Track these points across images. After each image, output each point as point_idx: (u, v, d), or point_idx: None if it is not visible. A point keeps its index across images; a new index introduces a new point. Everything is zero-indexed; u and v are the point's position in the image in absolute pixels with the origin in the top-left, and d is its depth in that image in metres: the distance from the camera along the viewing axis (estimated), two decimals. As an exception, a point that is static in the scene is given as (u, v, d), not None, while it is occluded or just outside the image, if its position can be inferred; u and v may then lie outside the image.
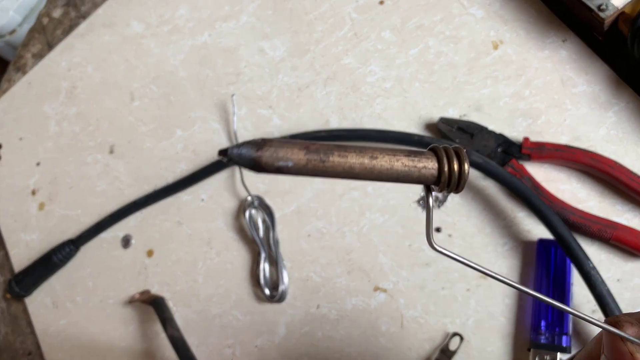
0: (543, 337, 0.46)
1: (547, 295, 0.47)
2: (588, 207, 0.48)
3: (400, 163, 0.23)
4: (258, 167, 0.21)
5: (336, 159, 0.22)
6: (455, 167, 0.23)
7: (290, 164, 0.22)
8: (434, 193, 0.23)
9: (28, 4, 1.13)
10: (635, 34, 0.46)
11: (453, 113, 0.54)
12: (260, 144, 0.21)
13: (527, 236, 0.49)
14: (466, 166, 0.23)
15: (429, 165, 0.23)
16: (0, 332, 0.69)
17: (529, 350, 0.46)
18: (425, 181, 0.23)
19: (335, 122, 0.58)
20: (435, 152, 0.24)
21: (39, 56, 0.78)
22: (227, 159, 0.22)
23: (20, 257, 0.69)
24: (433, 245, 0.24)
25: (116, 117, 0.69)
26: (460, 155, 0.23)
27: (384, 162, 0.23)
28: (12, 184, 0.73)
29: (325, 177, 0.23)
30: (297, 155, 0.22)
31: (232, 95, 0.63)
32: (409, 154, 0.23)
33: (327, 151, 0.22)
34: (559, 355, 0.45)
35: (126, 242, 0.64)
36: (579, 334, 0.46)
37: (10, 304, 0.70)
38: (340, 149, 0.22)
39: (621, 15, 0.47)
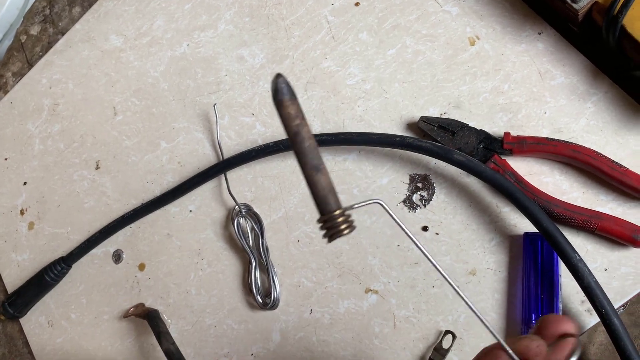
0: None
1: (537, 288, 0.47)
2: (572, 198, 0.48)
3: (326, 190, 0.30)
4: (280, 103, 0.28)
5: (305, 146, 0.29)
6: (333, 227, 0.30)
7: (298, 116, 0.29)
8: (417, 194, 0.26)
9: (7, 20, 1.11)
10: (610, 23, 0.46)
11: (434, 111, 0.54)
12: (293, 95, 0.29)
13: (514, 230, 0.50)
14: (346, 231, 0.30)
15: (328, 209, 0.30)
16: (-2, 354, 0.69)
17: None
18: (319, 211, 0.30)
19: (318, 126, 0.58)
20: (337, 211, 0.30)
21: (19, 74, 0.78)
22: (278, 82, 0.28)
23: (13, 278, 0.69)
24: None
25: (100, 132, 0.69)
26: (341, 229, 0.30)
27: (324, 180, 0.30)
28: (0, 204, 0.72)
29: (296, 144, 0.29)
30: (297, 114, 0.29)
31: (214, 105, 0.63)
32: (333, 195, 0.30)
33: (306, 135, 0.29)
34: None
35: (117, 257, 0.64)
36: (569, 325, 0.46)
37: (5, 325, 0.70)
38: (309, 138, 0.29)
39: (595, 5, 0.47)
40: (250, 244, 0.58)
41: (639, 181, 0.45)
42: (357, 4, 0.59)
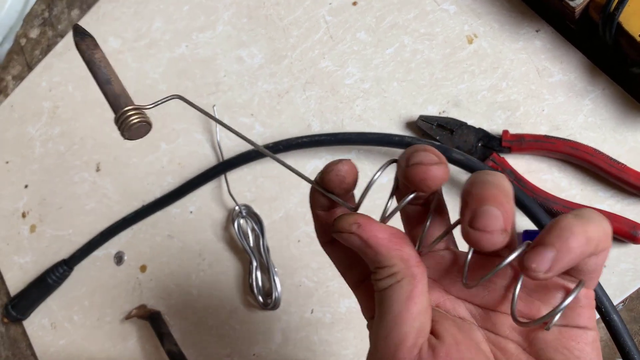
0: (534, 327, 0.46)
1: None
2: (570, 195, 0.48)
3: (111, 94, 0.31)
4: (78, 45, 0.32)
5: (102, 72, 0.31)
6: (122, 119, 0.30)
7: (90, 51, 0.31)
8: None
9: (6, 23, 1.12)
10: (606, 20, 0.46)
11: (432, 110, 0.54)
12: (85, 35, 0.32)
13: (513, 228, 0.50)
14: (136, 120, 0.30)
15: (123, 105, 0.31)
16: (1, 356, 0.69)
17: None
18: (115, 111, 0.31)
19: (317, 126, 0.58)
20: (128, 109, 0.30)
21: (19, 78, 0.78)
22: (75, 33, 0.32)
23: (15, 281, 0.70)
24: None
25: (100, 135, 0.69)
26: (140, 112, 0.30)
27: (116, 87, 0.31)
28: (2, 207, 0.73)
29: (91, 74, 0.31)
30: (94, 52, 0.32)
31: (214, 106, 0.63)
32: (119, 94, 0.31)
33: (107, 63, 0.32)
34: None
35: (119, 259, 0.65)
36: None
37: (8, 327, 0.70)
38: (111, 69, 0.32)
39: (591, 2, 0.47)
40: (251, 245, 0.58)
41: (637, 178, 0.45)
42: (354, 4, 0.59)
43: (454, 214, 0.49)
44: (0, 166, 0.74)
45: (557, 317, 0.24)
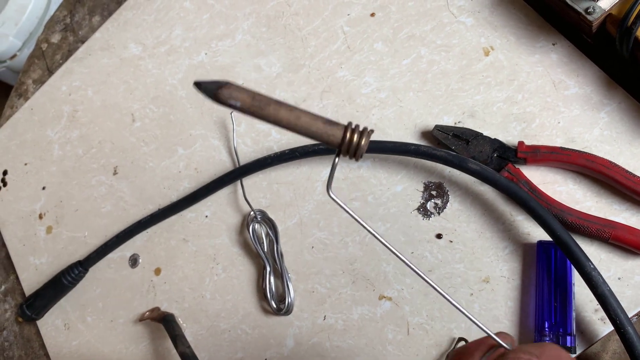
0: (547, 338, 0.46)
1: (550, 296, 0.47)
2: (585, 207, 0.49)
3: (317, 126, 0.29)
4: (216, 98, 0.29)
5: (271, 110, 0.29)
6: (355, 140, 0.29)
7: (238, 103, 0.29)
8: (431, 202, 0.26)
9: (27, 28, 1.14)
10: (623, 34, 0.46)
11: (448, 120, 0.55)
12: (223, 84, 0.29)
13: (527, 239, 0.50)
14: (363, 142, 0.29)
15: (337, 134, 0.29)
16: (15, 356, 0.70)
17: (534, 352, 0.46)
18: (330, 144, 0.29)
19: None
20: (345, 126, 0.29)
21: (39, 82, 0.79)
22: (198, 87, 0.29)
23: (31, 281, 0.70)
24: (329, 194, 0.32)
25: (118, 139, 0.70)
26: (363, 133, 0.29)
27: (304, 122, 0.29)
28: (19, 208, 0.74)
29: (262, 120, 0.29)
30: (244, 100, 0.29)
31: (231, 112, 0.64)
32: (326, 121, 0.29)
33: (266, 103, 0.29)
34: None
35: (134, 261, 0.65)
36: (582, 333, 0.47)
37: (22, 327, 0.71)
38: (276, 103, 0.29)
39: (608, 17, 0.48)
40: (265, 250, 0.58)
41: (653, 191, 0.46)
42: (372, 15, 0.60)
43: (467, 222, 0.49)
44: (19, 168, 0.76)
45: None
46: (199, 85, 0.30)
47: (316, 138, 0.29)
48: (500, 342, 0.33)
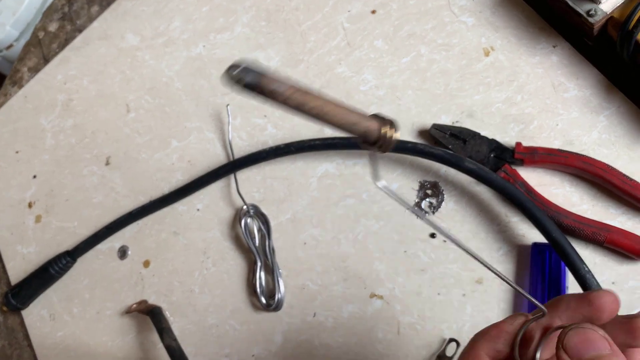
0: (539, 341, 0.46)
1: (544, 298, 0.47)
2: (581, 210, 0.48)
3: (353, 118, 0.28)
4: (257, 88, 0.25)
5: (310, 101, 0.27)
6: (389, 132, 0.29)
7: (282, 88, 0.26)
8: (426, 201, 0.26)
9: (24, 18, 1.13)
10: (624, 38, 0.46)
11: (446, 119, 0.54)
12: (261, 72, 0.26)
13: (522, 240, 0.49)
14: (396, 134, 0.29)
15: (372, 126, 0.29)
16: (-3, 346, 0.68)
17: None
18: (366, 136, 0.29)
19: (330, 130, 0.58)
20: (376, 117, 0.29)
21: (35, 70, 0.79)
22: (234, 70, 0.25)
23: (17, 270, 0.69)
24: (378, 186, 0.32)
25: (112, 129, 0.69)
26: (394, 124, 0.29)
27: (343, 113, 0.28)
28: (9, 196, 0.73)
29: (298, 110, 0.27)
30: (286, 88, 0.26)
31: (227, 105, 0.63)
32: (360, 114, 0.29)
33: (305, 91, 0.27)
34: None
35: (122, 253, 0.64)
36: (575, 337, 0.46)
37: (7, 316, 0.69)
38: (314, 93, 0.27)
39: (610, 20, 0.48)
40: (257, 245, 0.58)
41: (649, 195, 0.45)
42: (373, 12, 0.60)
43: (461, 222, 0.48)
44: (10, 156, 0.74)
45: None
46: (234, 69, 0.25)
47: (351, 131, 0.28)
48: (538, 304, 0.31)
